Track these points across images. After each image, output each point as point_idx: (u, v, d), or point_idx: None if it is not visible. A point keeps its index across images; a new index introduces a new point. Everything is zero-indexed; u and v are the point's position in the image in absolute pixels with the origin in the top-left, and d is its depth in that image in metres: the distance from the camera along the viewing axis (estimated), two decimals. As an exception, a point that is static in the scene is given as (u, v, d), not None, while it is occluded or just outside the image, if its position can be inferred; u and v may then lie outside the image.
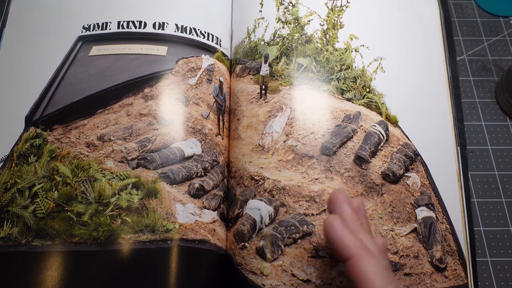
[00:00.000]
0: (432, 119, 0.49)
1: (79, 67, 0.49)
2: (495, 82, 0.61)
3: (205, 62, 0.51)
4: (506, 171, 0.56)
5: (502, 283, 0.49)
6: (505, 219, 0.53)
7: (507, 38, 0.64)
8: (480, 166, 0.56)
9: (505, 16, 0.65)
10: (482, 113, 0.59)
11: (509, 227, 0.52)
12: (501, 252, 0.51)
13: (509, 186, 0.55)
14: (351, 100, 0.49)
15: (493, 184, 0.55)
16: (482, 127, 0.58)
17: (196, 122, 0.49)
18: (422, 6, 0.54)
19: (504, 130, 0.58)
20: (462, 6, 0.67)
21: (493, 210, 0.53)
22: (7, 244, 0.41)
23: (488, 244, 0.51)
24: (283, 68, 0.51)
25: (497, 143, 0.57)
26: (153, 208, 0.43)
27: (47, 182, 0.43)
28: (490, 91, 0.61)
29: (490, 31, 0.65)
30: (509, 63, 0.62)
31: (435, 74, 0.51)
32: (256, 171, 0.47)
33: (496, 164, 0.56)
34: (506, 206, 0.53)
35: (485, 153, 0.57)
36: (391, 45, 0.52)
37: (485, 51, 0.63)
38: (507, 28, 0.65)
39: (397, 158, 0.47)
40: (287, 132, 0.48)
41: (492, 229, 0.52)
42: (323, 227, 0.39)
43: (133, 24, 0.51)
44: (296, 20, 0.52)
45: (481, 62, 0.62)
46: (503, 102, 0.59)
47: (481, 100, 0.60)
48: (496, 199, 0.54)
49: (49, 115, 0.47)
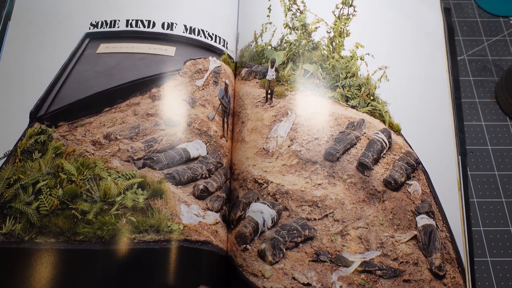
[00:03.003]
0: (434, 128, 0.50)
1: (86, 64, 0.49)
2: (495, 82, 0.61)
3: (212, 64, 0.51)
4: (506, 171, 0.55)
5: (502, 283, 0.49)
6: (505, 219, 0.53)
7: (507, 38, 0.64)
8: (480, 166, 0.56)
9: (505, 16, 0.65)
10: (482, 113, 0.59)
11: (509, 227, 0.52)
12: (501, 252, 0.51)
13: (509, 186, 0.54)
14: (355, 107, 0.50)
15: (493, 184, 0.55)
16: (482, 127, 0.58)
17: (202, 123, 0.49)
18: (427, 17, 0.55)
19: (504, 130, 0.58)
20: (462, 6, 0.66)
21: (493, 210, 0.53)
22: (10, 240, 0.41)
23: (488, 244, 0.51)
24: (289, 73, 0.51)
25: (497, 143, 0.57)
26: (158, 208, 0.43)
27: (51, 179, 0.43)
28: (490, 91, 0.60)
29: (490, 31, 0.64)
30: (509, 63, 0.62)
31: (438, 84, 0.52)
32: (260, 174, 0.47)
33: (496, 164, 0.56)
34: (506, 206, 0.53)
35: (485, 153, 0.56)
36: (395, 54, 0.52)
37: (485, 51, 0.63)
38: (507, 28, 0.64)
39: (399, 165, 0.48)
40: (291, 137, 0.48)
41: (492, 229, 0.52)
42: None
43: (141, 23, 0.51)
44: (303, 27, 0.53)
45: (481, 62, 0.62)
46: (503, 102, 0.58)
47: (481, 100, 0.60)
48: (496, 199, 0.54)
49: (54, 112, 0.47)
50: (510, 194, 0.54)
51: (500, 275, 0.50)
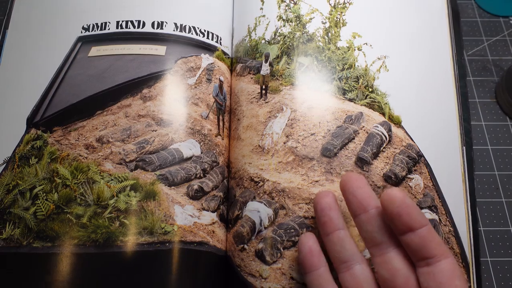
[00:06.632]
0: (437, 118, 0.48)
1: (79, 68, 0.49)
2: (495, 82, 0.61)
3: (205, 62, 0.51)
4: (506, 171, 0.55)
5: (502, 283, 0.49)
6: (505, 219, 0.52)
7: (507, 38, 0.64)
8: (480, 166, 0.56)
9: (505, 16, 0.65)
10: (482, 113, 0.59)
11: (509, 227, 0.52)
12: (501, 252, 0.51)
13: (509, 186, 0.54)
14: (353, 100, 0.48)
15: (493, 184, 0.54)
16: (482, 127, 0.58)
17: (195, 122, 0.48)
18: (429, 2, 0.52)
19: (504, 130, 0.58)
20: (462, 6, 0.66)
21: (493, 210, 0.53)
22: (9, 245, 0.42)
23: (488, 244, 0.51)
24: (284, 67, 0.50)
25: (497, 143, 0.57)
26: (151, 210, 0.43)
27: (47, 184, 0.44)
28: (490, 91, 0.60)
29: (490, 31, 0.64)
30: (509, 63, 0.62)
31: (441, 73, 0.49)
32: (255, 172, 0.46)
33: (496, 164, 0.56)
34: (506, 206, 0.53)
35: (485, 153, 0.56)
36: (395, 43, 0.50)
37: (485, 51, 0.63)
38: (507, 28, 0.64)
39: (400, 159, 0.46)
40: (287, 133, 0.47)
41: (492, 229, 0.52)
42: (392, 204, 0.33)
43: (132, 24, 0.51)
44: (297, 18, 0.51)
45: (481, 62, 0.62)
46: (503, 102, 0.58)
47: (481, 100, 0.60)
48: (496, 199, 0.54)
49: (49, 117, 0.47)
50: (510, 194, 0.54)
51: (500, 275, 0.49)
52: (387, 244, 0.34)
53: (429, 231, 0.32)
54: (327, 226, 0.38)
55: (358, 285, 0.36)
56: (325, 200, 0.38)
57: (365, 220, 0.35)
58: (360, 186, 0.36)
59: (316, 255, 0.38)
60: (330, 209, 0.38)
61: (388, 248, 0.34)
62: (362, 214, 0.35)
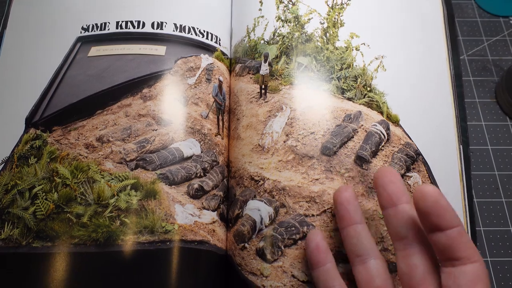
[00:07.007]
0: (434, 117, 0.48)
1: (78, 68, 0.49)
2: (495, 82, 0.61)
3: (204, 62, 0.51)
4: (506, 171, 0.55)
5: (502, 283, 0.49)
6: (505, 219, 0.53)
7: (507, 38, 0.64)
8: (480, 166, 0.56)
9: (505, 16, 0.65)
10: (482, 113, 0.59)
11: (509, 227, 0.52)
12: (501, 252, 0.51)
13: (509, 186, 0.54)
14: (351, 99, 0.49)
15: (493, 184, 0.55)
16: (482, 127, 0.58)
17: (195, 122, 0.48)
18: (425, 3, 0.53)
19: (504, 130, 0.58)
20: (462, 6, 0.66)
21: (493, 210, 0.53)
22: (8, 245, 0.41)
23: (488, 244, 0.51)
24: (283, 67, 0.50)
25: (497, 143, 0.57)
26: (152, 209, 0.43)
27: (47, 184, 0.44)
28: (490, 91, 0.61)
29: (490, 31, 0.65)
30: (509, 63, 0.62)
31: (437, 72, 0.50)
32: (256, 171, 0.46)
33: (496, 164, 0.56)
34: (506, 206, 0.53)
35: (485, 153, 0.57)
36: (392, 43, 0.51)
37: (485, 51, 0.63)
38: (507, 28, 0.64)
39: (398, 158, 0.46)
40: (287, 132, 0.47)
41: (492, 229, 0.52)
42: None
43: (131, 24, 0.51)
44: (296, 19, 0.52)
45: (481, 62, 0.62)
46: (503, 102, 0.58)
47: (481, 100, 0.60)
48: (496, 199, 0.54)
49: (48, 117, 0.47)
50: (510, 194, 0.54)
51: (500, 275, 0.49)
52: (411, 239, 0.35)
53: (460, 233, 0.32)
54: (344, 220, 0.38)
55: (371, 279, 0.36)
56: (344, 194, 0.39)
57: (392, 214, 0.36)
58: (392, 181, 0.36)
59: (323, 251, 0.38)
60: (348, 203, 0.38)
61: (412, 244, 0.35)
62: (390, 208, 0.36)
